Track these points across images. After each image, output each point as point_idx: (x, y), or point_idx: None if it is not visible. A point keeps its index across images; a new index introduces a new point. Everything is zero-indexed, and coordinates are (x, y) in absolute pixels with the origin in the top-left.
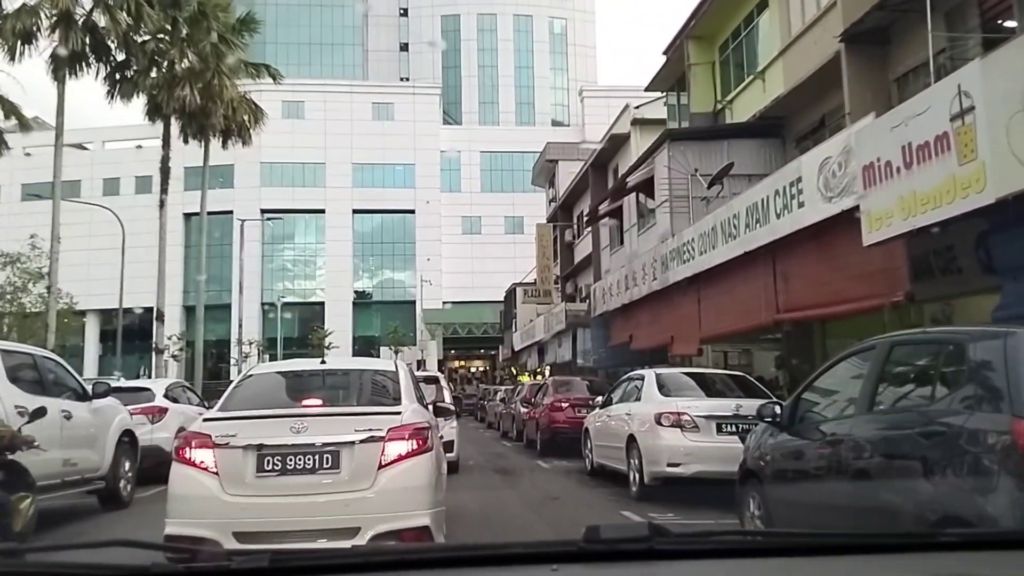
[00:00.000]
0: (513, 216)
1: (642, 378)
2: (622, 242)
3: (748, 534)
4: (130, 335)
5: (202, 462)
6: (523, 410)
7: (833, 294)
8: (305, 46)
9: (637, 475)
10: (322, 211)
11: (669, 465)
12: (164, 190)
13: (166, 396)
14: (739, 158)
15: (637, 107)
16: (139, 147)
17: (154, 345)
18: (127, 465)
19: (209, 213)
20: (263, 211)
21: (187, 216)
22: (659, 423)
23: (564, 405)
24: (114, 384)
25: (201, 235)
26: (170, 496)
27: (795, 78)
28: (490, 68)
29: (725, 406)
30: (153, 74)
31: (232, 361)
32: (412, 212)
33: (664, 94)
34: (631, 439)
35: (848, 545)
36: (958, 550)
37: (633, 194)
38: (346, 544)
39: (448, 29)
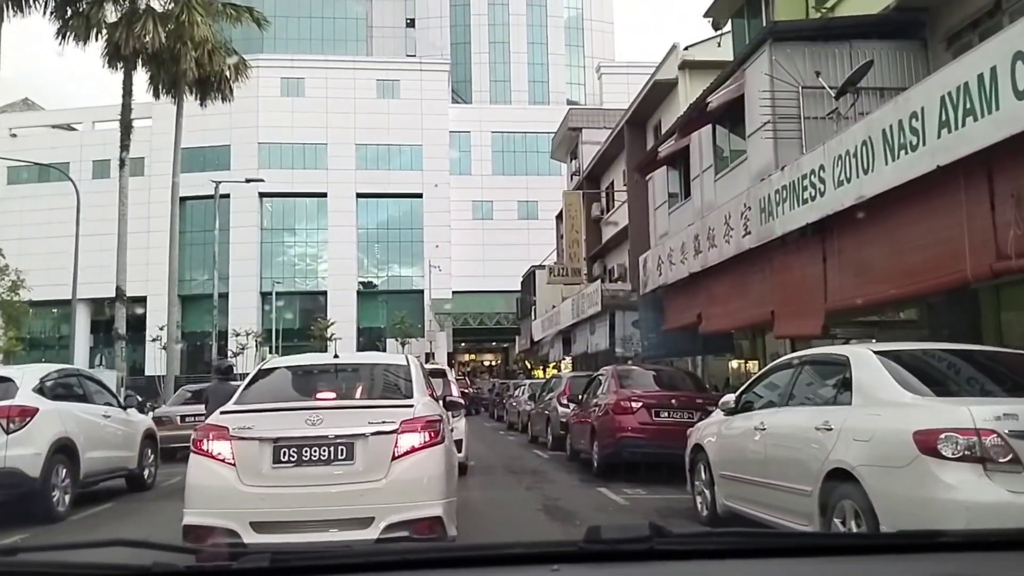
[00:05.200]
0: (527, 200)
1: (843, 363)
2: (688, 194)
3: (748, 534)
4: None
5: (219, 453)
6: (564, 411)
7: None
8: (305, 20)
9: None
10: (324, 195)
11: None
12: (125, 147)
13: (40, 391)
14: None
15: (686, 48)
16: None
17: (114, 331)
18: None
19: (203, 197)
20: (260, 194)
21: (181, 200)
22: (932, 452)
23: (635, 405)
24: None
25: (173, 206)
26: (188, 487)
27: None
28: (502, 45)
29: None
30: (111, 9)
31: (230, 353)
32: (419, 196)
33: (722, 30)
34: (839, 479)
35: (848, 545)
36: (958, 550)
37: (707, 128)
38: (360, 534)
39: (457, 3)
